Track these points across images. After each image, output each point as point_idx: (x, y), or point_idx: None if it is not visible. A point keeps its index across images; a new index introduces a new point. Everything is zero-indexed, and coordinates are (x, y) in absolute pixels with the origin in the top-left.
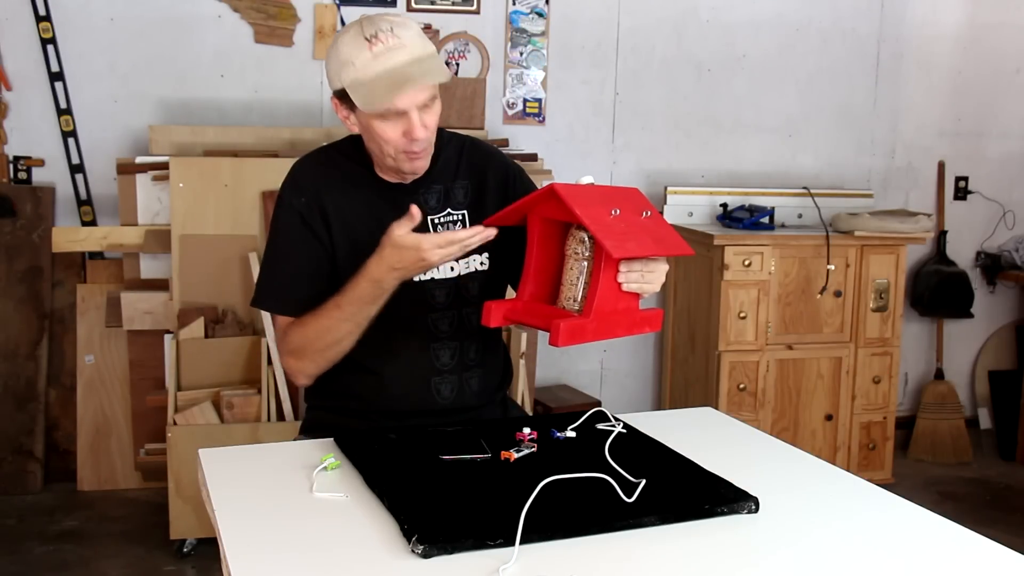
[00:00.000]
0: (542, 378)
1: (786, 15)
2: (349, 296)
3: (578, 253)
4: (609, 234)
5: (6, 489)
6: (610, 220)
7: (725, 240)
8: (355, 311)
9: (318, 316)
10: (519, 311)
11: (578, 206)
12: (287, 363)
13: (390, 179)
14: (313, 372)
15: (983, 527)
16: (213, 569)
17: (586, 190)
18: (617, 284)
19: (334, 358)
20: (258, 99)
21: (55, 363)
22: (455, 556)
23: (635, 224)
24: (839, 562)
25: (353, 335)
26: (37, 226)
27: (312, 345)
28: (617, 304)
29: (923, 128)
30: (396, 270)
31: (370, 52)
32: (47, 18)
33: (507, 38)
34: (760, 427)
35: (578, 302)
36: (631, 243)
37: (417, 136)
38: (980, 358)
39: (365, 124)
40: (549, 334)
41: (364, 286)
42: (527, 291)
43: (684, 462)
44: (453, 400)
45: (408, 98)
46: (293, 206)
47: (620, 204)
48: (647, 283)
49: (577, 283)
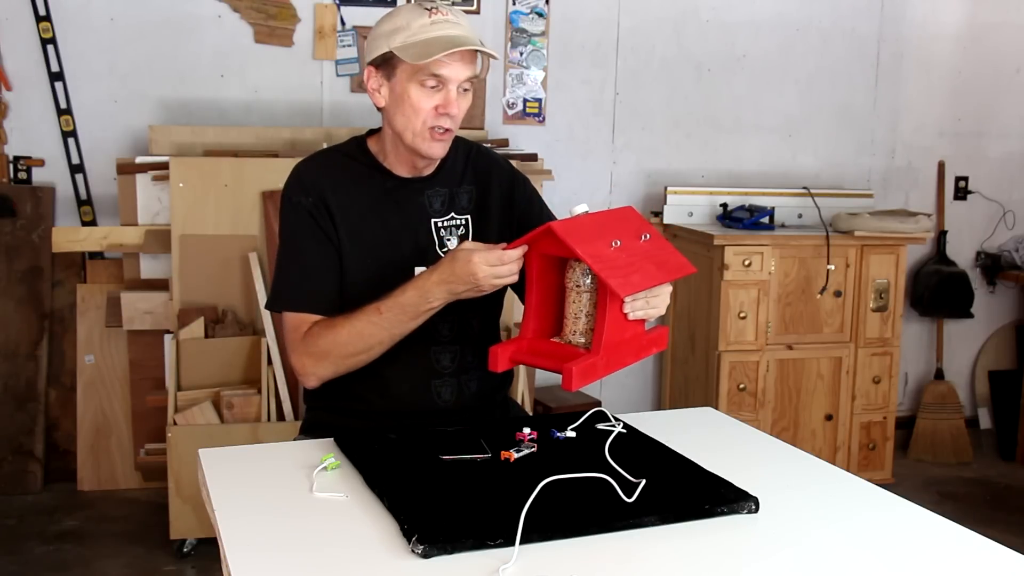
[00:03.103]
0: (542, 378)
1: (786, 15)
2: (392, 302)
3: (580, 285)
4: (613, 272)
5: (6, 489)
6: (611, 254)
7: (725, 240)
8: (395, 321)
9: (353, 319)
10: (525, 351)
11: (578, 244)
12: (302, 363)
13: (400, 172)
14: (327, 377)
15: (983, 527)
16: (213, 569)
17: (582, 222)
18: (623, 315)
19: (354, 366)
20: (258, 99)
21: (55, 363)
22: (455, 556)
23: (636, 252)
24: (839, 562)
25: (384, 346)
26: (37, 226)
27: (341, 349)
28: (624, 334)
29: (923, 128)
30: (445, 283)
31: (429, 19)
32: (47, 18)
33: (507, 38)
34: (760, 427)
35: (584, 335)
36: (635, 276)
37: (450, 112)
38: (980, 358)
39: (399, 93)
40: (562, 378)
41: (410, 294)
42: (530, 328)
43: (684, 462)
44: (453, 402)
45: (457, 66)
46: (302, 204)
47: (618, 232)
48: (652, 308)
49: (581, 317)
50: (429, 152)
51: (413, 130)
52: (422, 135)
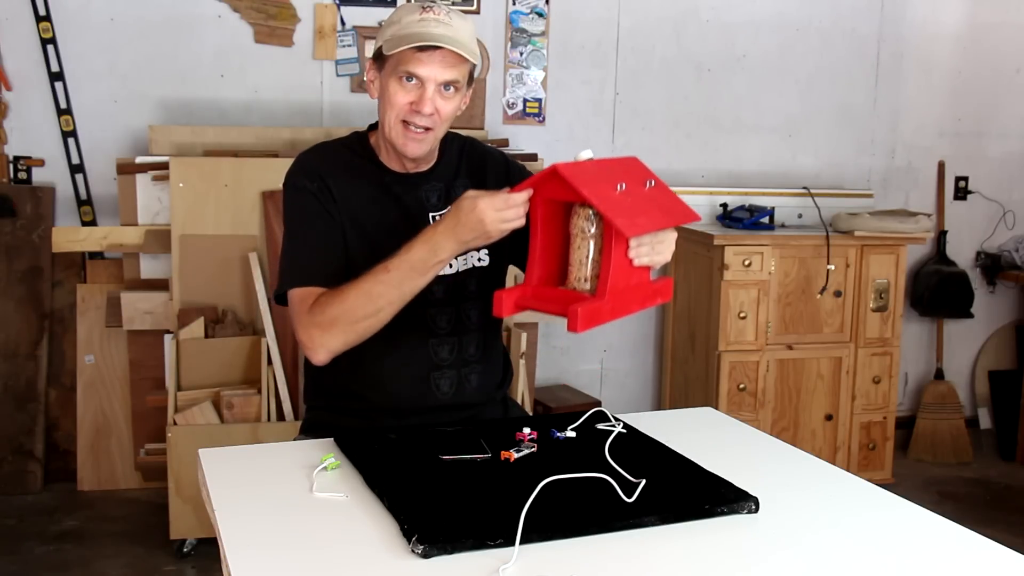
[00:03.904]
0: (542, 378)
1: (786, 15)
2: (400, 260)
3: (585, 231)
4: (619, 212)
5: (6, 489)
6: (617, 196)
7: (725, 240)
8: (404, 278)
9: (360, 282)
10: (530, 297)
11: (583, 185)
12: (311, 335)
13: (394, 167)
14: (336, 348)
15: (983, 527)
16: (213, 569)
17: (587, 166)
18: (628, 260)
19: (364, 333)
20: (258, 99)
21: (55, 363)
22: (455, 556)
23: (641, 197)
24: (839, 562)
25: (394, 306)
26: (37, 226)
27: (350, 313)
28: (630, 280)
29: (923, 128)
30: (453, 232)
31: (419, 16)
32: (47, 18)
33: (507, 38)
34: (760, 427)
35: (589, 281)
36: (641, 218)
37: (422, 110)
38: (980, 358)
39: (383, 86)
40: (567, 320)
41: (418, 249)
42: (535, 275)
43: (684, 462)
44: (453, 396)
45: (435, 67)
46: (306, 188)
47: (623, 177)
48: (658, 255)
49: (586, 262)
50: (403, 149)
51: (390, 124)
52: (397, 130)
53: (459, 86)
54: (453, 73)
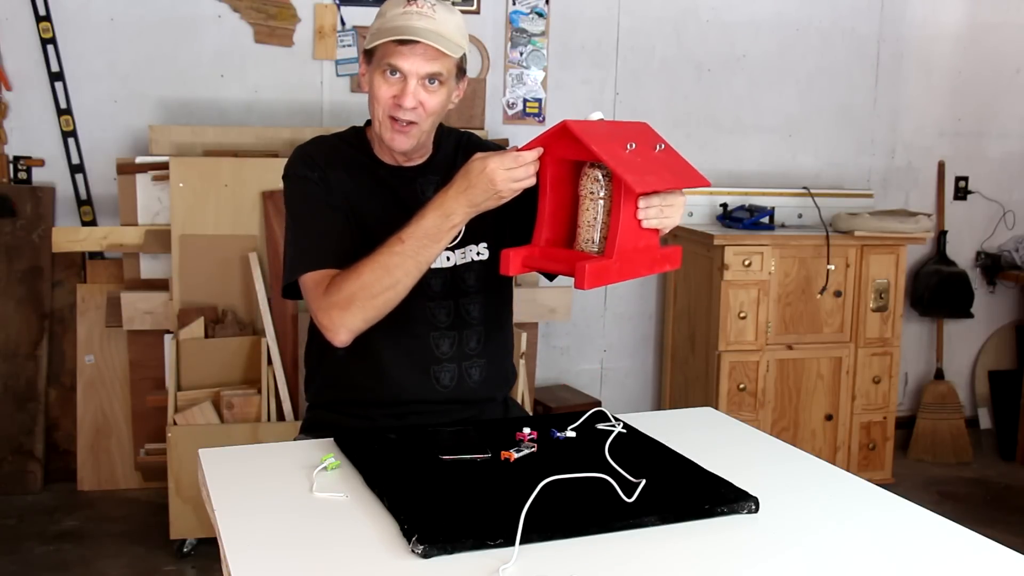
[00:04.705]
0: (542, 378)
1: (786, 15)
2: (413, 229)
3: (594, 192)
4: (628, 169)
5: (6, 489)
6: (627, 155)
7: (725, 240)
8: (419, 247)
9: (374, 256)
10: (537, 257)
11: (594, 142)
12: (330, 316)
13: (388, 160)
14: (357, 327)
15: (983, 527)
16: (213, 569)
17: (599, 126)
18: (637, 221)
19: (383, 308)
20: (258, 99)
21: (55, 363)
22: (455, 556)
23: (651, 158)
24: (839, 562)
25: (411, 277)
26: (37, 226)
27: (367, 288)
28: (638, 242)
29: (923, 128)
30: (464, 195)
31: (403, 8)
32: (47, 18)
33: (507, 38)
34: (760, 427)
35: (596, 243)
36: (651, 176)
37: (404, 104)
38: (980, 358)
39: (369, 80)
40: (574, 278)
41: (430, 216)
42: (543, 236)
43: (684, 462)
44: (453, 389)
45: (416, 59)
46: (308, 177)
47: (634, 138)
48: (666, 218)
49: (595, 224)
50: (390, 143)
51: (377, 118)
52: (384, 124)
53: (444, 79)
54: (435, 66)
